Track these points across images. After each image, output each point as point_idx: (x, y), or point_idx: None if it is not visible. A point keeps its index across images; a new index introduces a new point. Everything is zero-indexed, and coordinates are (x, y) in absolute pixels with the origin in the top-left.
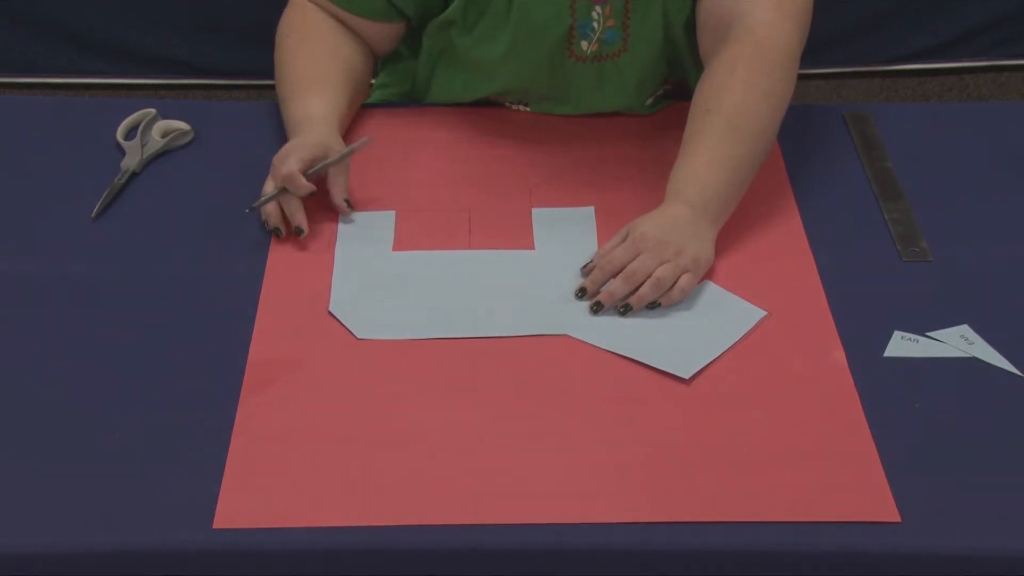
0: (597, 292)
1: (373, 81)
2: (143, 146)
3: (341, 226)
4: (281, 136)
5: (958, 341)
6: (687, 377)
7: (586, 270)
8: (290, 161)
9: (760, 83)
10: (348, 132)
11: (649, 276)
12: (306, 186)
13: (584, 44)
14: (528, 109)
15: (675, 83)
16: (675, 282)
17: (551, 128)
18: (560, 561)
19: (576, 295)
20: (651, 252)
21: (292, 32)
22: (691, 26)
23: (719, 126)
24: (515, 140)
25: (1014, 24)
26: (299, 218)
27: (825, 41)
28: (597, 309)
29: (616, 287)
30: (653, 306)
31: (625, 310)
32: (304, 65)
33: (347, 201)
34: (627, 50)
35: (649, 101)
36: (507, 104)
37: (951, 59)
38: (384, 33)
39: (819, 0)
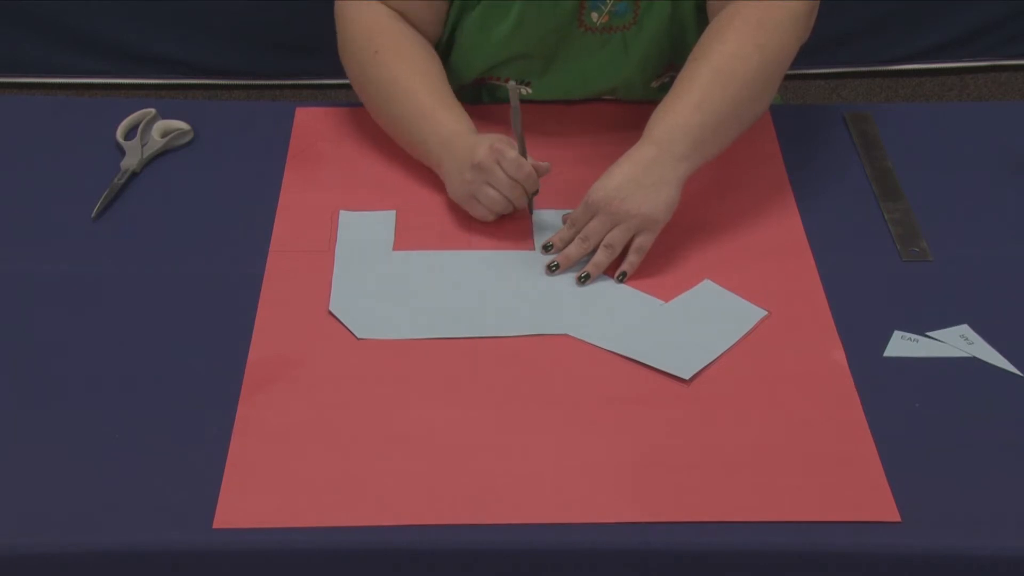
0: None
1: None
2: (143, 146)
3: (341, 226)
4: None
5: (958, 341)
6: (687, 377)
7: (546, 242)
8: (522, 160)
9: (755, 36)
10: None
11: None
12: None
13: (595, 16)
14: (530, 91)
15: (679, 70)
16: (630, 244)
17: (552, 126)
18: (559, 561)
19: (543, 248)
20: (603, 214)
21: (369, 42)
22: (699, 7)
23: (703, 72)
24: None
25: (1014, 24)
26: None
27: (825, 41)
28: (554, 269)
29: (571, 250)
30: (621, 277)
31: (584, 278)
32: (417, 88)
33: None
34: (636, 23)
35: (655, 84)
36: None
37: (951, 59)
38: (437, 14)
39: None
